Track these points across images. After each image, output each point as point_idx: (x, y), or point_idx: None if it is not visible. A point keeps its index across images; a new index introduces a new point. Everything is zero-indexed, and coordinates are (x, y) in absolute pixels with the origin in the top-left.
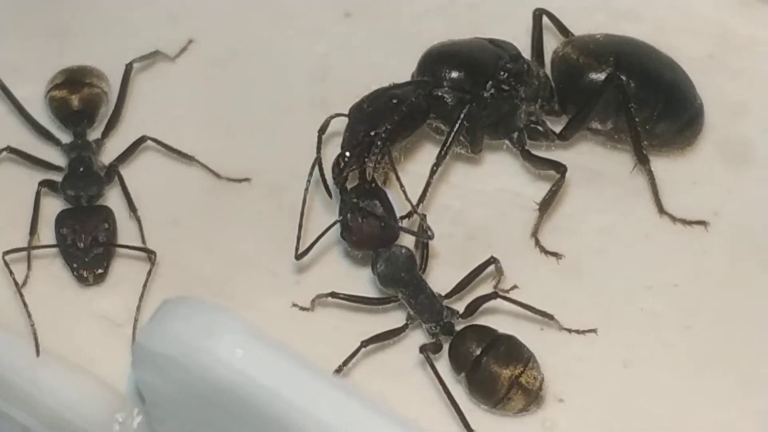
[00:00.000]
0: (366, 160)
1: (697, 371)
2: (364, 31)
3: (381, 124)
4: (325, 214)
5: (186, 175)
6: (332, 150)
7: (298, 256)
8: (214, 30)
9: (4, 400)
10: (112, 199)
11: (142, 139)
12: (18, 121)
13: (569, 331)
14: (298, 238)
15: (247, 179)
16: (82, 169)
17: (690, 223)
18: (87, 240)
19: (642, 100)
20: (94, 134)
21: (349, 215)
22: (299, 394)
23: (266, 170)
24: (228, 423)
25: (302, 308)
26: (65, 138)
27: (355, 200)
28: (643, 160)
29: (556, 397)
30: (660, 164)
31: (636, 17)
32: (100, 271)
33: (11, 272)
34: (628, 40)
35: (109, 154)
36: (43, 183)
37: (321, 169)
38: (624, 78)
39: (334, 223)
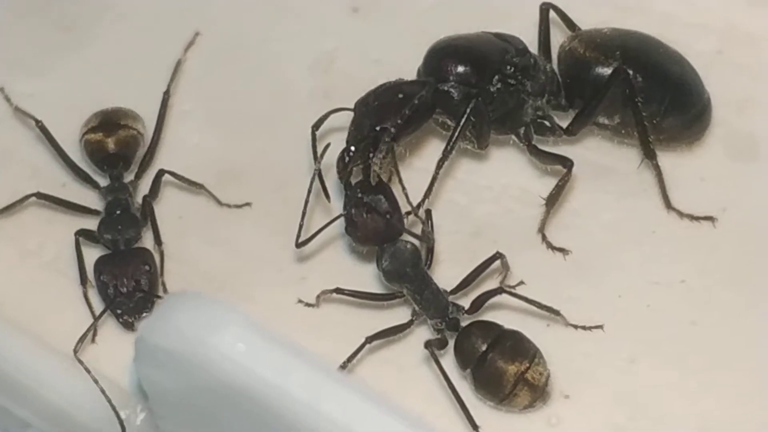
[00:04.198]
0: (371, 155)
1: (704, 368)
2: (371, 25)
3: (387, 119)
4: (332, 209)
5: (191, 170)
6: (339, 145)
7: (299, 245)
8: (220, 23)
9: (5, 396)
10: (149, 241)
11: (161, 173)
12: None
13: (575, 327)
14: (300, 226)
15: (247, 204)
16: (119, 211)
17: (697, 218)
18: (129, 285)
19: (649, 95)
20: (129, 176)
21: (353, 210)
22: (303, 389)
23: (272, 164)
24: (231, 418)
25: (307, 304)
26: (102, 181)
27: (359, 195)
28: (650, 155)
29: (562, 393)
30: (667, 160)
31: (643, 11)
32: (145, 314)
33: (88, 370)
34: (635, 34)
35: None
36: (79, 232)
37: (320, 174)
38: (631, 72)
39: (338, 217)
